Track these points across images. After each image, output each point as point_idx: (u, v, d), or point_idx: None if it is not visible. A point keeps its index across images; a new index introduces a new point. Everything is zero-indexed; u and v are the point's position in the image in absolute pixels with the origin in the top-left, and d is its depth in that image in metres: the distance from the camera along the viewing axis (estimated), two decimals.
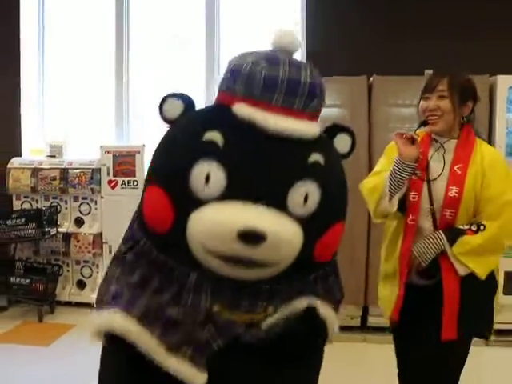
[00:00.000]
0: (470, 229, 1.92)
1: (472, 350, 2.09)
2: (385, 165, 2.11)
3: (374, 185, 2.06)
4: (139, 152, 4.37)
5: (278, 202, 1.25)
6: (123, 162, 4.41)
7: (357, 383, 3.09)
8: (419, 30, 4.44)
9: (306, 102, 1.33)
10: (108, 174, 4.43)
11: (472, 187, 1.93)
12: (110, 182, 4.44)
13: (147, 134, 4.80)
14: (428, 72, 4.30)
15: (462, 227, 1.94)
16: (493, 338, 3.71)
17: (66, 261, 4.59)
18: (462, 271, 1.93)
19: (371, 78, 3.99)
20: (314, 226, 1.30)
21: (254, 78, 1.29)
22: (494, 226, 1.92)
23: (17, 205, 4.66)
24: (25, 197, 4.66)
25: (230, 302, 1.29)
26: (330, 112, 3.98)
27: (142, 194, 1.44)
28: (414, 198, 1.99)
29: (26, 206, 4.63)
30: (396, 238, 2.07)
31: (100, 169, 4.46)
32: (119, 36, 4.99)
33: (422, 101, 2.04)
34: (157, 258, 1.32)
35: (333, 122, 1.51)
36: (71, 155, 4.76)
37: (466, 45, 4.33)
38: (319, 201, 1.30)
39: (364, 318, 3.95)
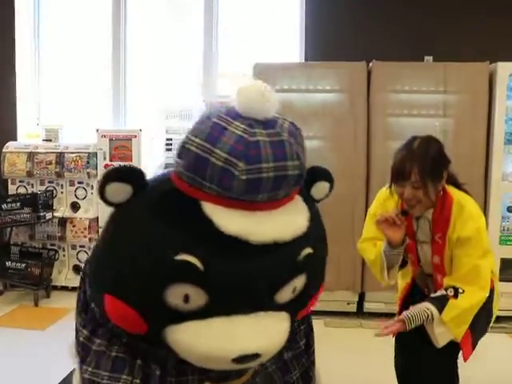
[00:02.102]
0: (447, 294, 1.92)
1: None
2: (377, 230, 2.09)
3: (373, 259, 2.11)
4: (136, 136, 4.34)
5: (265, 305, 1.16)
6: (120, 146, 4.38)
7: (353, 368, 3.10)
8: (419, 16, 4.41)
9: (293, 187, 1.16)
10: (104, 158, 4.40)
11: (450, 253, 1.98)
12: (106, 166, 4.40)
13: (144, 118, 4.79)
14: (428, 58, 4.28)
15: (442, 293, 1.94)
16: None
17: (61, 245, 4.58)
18: (442, 343, 1.94)
19: (370, 64, 3.96)
20: (298, 303, 1.25)
21: (230, 182, 1.05)
22: (475, 289, 1.93)
23: (12, 189, 4.64)
24: (20, 181, 4.63)
25: (219, 376, 1.25)
26: (329, 97, 3.97)
27: (91, 286, 1.28)
28: (411, 258, 2.11)
29: (22, 190, 4.61)
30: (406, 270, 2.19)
31: (96, 153, 4.43)
32: (116, 19, 4.93)
33: (395, 185, 1.97)
34: (129, 342, 1.23)
35: (312, 166, 1.29)
36: (67, 139, 4.72)
37: (465, 31, 4.31)
38: (305, 285, 1.22)
39: (360, 303, 3.96)
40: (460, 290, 1.90)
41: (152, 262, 1.09)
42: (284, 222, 1.14)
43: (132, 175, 1.14)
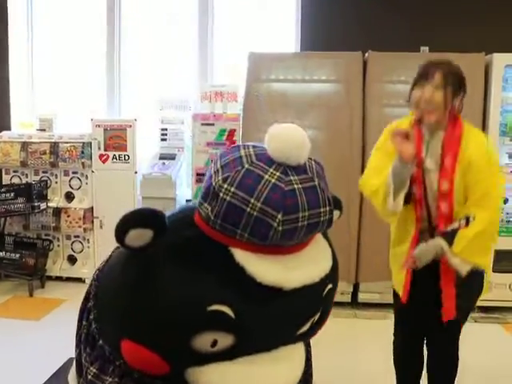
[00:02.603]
0: (459, 225, 1.92)
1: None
2: (381, 159, 2.09)
3: (376, 187, 2.04)
4: (131, 126, 4.32)
5: (289, 340, 1.21)
6: (114, 136, 4.35)
7: (347, 357, 3.12)
8: (416, 7, 4.39)
9: (321, 230, 1.19)
10: (99, 148, 4.38)
11: (461, 179, 1.95)
12: (101, 156, 4.38)
13: (139, 108, 4.76)
14: (424, 49, 4.27)
15: (452, 228, 1.94)
16: (481, 314, 3.78)
17: (56, 236, 4.56)
18: (464, 271, 1.93)
19: (366, 54, 3.95)
20: (311, 332, 1.29)
21: (267, 232, 1.04)
22: (485, 215, 1.92)
23: (6, 179, 4.61)
24: (14, 171, 4.60)
25: None
26: (325, 87, 3.96)
27: (99, 321, 1.25)
28: (416, 192, 2.03)
29: (16, 180, 4.58)
30: (405, 223, 2.10)
31: (91, 143, 4.41)
32: (111, 8, 4.88)
33: (415, 88, 2.00)
34: (141, 378, 1.21)
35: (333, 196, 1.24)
36: (61, 129, 4.68)
37: (462, 22, 4.30)
38: (320, 315, 1.27)
39: (355, 293, 3.98)
40: (471, 219, 1.91)
41: (183, 312, 1.06)
42: (313, 266, 1.16)
43: (153, 220, 1.10)
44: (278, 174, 1.05)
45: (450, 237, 1.92)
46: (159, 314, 1.08)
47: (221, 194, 1.05)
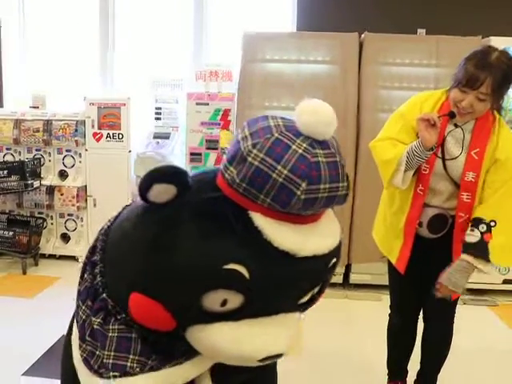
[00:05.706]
0: (482, 235, 1.91)
1: None
2: (400, 132, 2.06)
3: (389, 158, 2.02)
4: (125, 104, 4.28)
5: (289, 308, 1.25)
6: (108, 115, 4.32)
7: (338, 339, 3.16)
8: None
9: (337, 204, 1.22)
10: (93, 126, 4.35)
11: (485, 172, 1.96)
12: (94, 134, 4.36)
13: (133, 86, 4.72)
14: (421, 31, 4.25)
15: (476, 238, 1.92)
16: (470, 297, 3.83)
17: (49, 214, 4.56)
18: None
19: (363, 35, 3.92)
20: (309, 304, 1.32)
21: (289, 199, 1.08)
22: (509, 215, 1.93)
23: None
24: (7, 149, 4.56)
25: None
26: (320, 68, 3.94)
27: (106, 276, 1.28)
28: (425, 170, 2.02)
29: (9, 158, 4.55)
30: (405, 198, 2.09)
31: (84, 121, 4.38)
32: None
33: (456, 89, 1.91)
34: (139, 332, 1.24)
35: None
36: (55, 106, 4.64)
37: (459, 5, 4.28)
38: (320, 288, 1.31)
39: (346, 275, 4.01)
40: (492, 224, 1.90)
41: (200, 268, 1.10)
42: (325, 237, 1.21)
43: (178, 176, 1.13)
44: (304, 145, 1.10)
45: (481, 251, 1.91)
46: (176, 268, 1.11)
47: (249, 159, 1.09)
